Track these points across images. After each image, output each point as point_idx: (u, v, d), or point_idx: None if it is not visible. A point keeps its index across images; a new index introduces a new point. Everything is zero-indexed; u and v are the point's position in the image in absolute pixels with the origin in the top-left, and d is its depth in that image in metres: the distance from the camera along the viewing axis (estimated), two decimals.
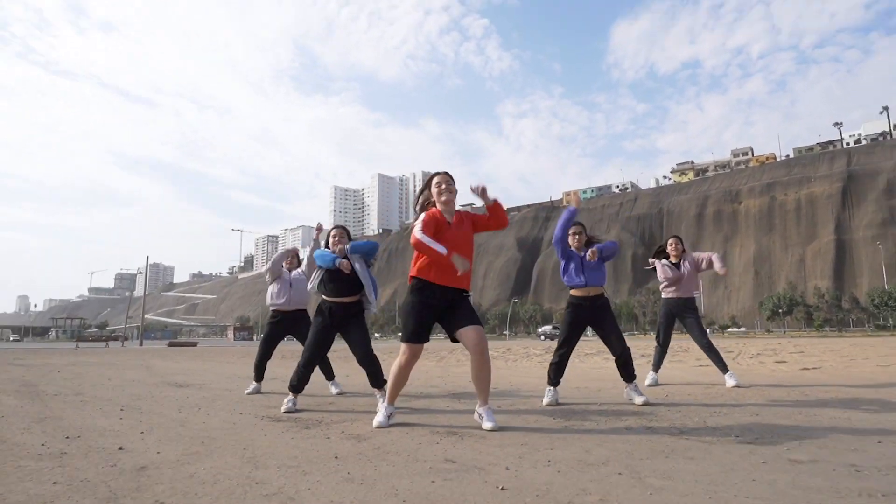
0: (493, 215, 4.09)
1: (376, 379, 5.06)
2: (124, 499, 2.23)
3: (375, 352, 5.22)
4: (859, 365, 9.18)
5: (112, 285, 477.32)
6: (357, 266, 5.00)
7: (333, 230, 5.32)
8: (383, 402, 4.16)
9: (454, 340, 3.89)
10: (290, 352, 19.90)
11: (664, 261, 6.89)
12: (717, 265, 6.44)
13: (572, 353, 5.10)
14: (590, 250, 5.05)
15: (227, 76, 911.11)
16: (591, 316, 5.12)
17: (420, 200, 4.14)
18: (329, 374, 6.66)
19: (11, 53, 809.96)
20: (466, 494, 2.19)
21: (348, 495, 2.23)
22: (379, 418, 3.99)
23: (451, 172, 4.12)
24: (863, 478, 2.32)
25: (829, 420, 3.90)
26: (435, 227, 3.85)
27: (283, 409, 4.82)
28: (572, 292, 5.22)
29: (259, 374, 6.66)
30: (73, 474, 2.65)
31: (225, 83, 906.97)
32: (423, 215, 3.92)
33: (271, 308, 6.58)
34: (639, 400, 4.92)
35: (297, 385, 4.97)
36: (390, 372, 4.03)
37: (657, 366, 6.87)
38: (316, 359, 5.00)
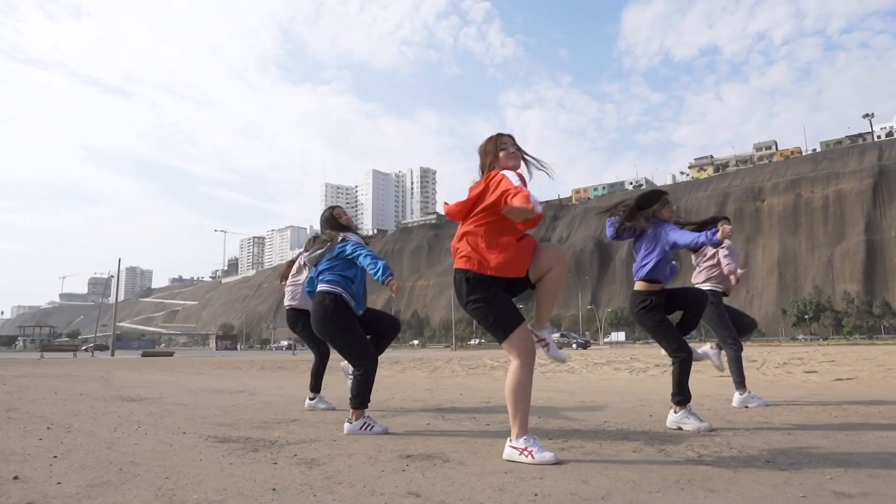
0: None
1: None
2: None
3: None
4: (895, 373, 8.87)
5: (85, 290, 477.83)
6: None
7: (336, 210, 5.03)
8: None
9: None
10: (292, 362, 19.58)
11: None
12: None
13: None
14: None
15: (208, 64, 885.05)
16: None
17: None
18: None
19: None
20: None
21: None
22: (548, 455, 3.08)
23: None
24: None
25: (875, 442, 3.56)
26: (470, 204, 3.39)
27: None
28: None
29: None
30: None
31: (205, 72, 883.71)
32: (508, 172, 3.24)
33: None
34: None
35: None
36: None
37: None
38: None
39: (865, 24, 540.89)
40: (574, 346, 58.47)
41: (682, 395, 4.30)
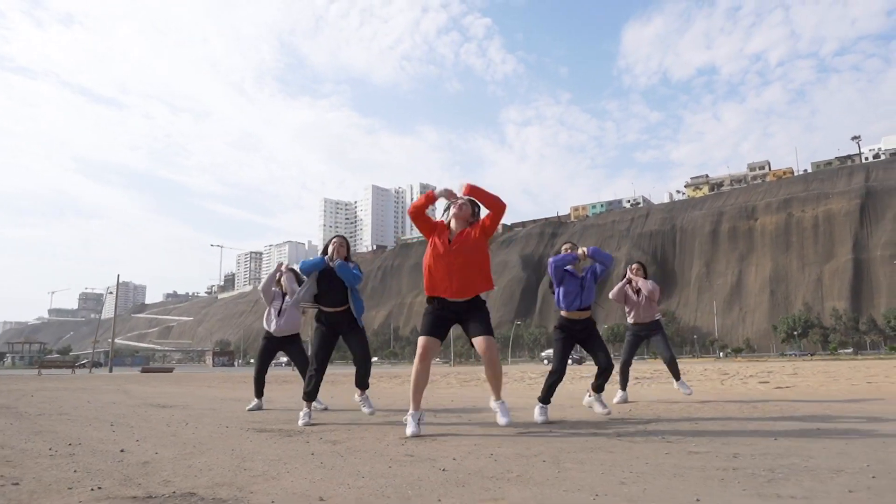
0: (485, 205, 4.82)
1: (363, 380, 6.07)
2: (137, 478, 2.98)
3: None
4: (836, 383, 9.98)
5: (76, 306, 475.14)
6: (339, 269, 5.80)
7: (335, 239, 6.03)
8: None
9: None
10: (294, 377, 20.53)
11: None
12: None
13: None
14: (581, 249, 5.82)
15: (204, 75, 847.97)
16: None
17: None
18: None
19: None
20: (414, 473, 2.96)
21: (319, 474, 3.00)
22: (410, 429, 4.53)
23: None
24: (734, 461, 3.10)
25: (753, 426, 4.69)
26: (430, 225, 4.83)
27: (300, 422, 5.51)
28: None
29: (259, 389, 7.62)
30: (88, 466, 3.38)
31: (201, 83, 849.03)
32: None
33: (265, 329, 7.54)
34: (601, 410, 5.89)
35: (312, 392, 5.67)
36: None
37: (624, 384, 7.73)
38: (324, 364, 5.73)
39: (857, 47, 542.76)
40: (570, 361, 59.72)
41: (542, 396, 5.71)
